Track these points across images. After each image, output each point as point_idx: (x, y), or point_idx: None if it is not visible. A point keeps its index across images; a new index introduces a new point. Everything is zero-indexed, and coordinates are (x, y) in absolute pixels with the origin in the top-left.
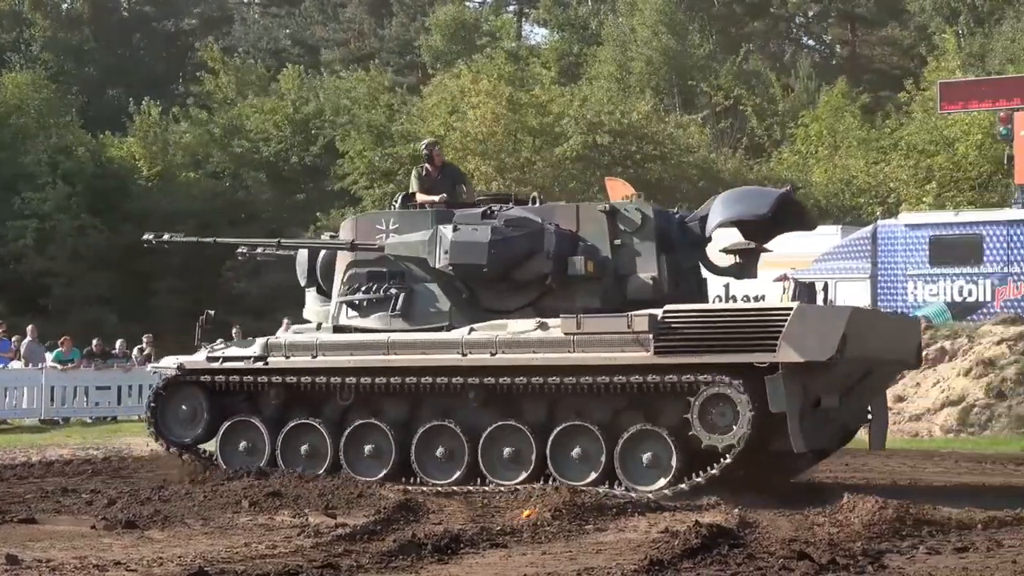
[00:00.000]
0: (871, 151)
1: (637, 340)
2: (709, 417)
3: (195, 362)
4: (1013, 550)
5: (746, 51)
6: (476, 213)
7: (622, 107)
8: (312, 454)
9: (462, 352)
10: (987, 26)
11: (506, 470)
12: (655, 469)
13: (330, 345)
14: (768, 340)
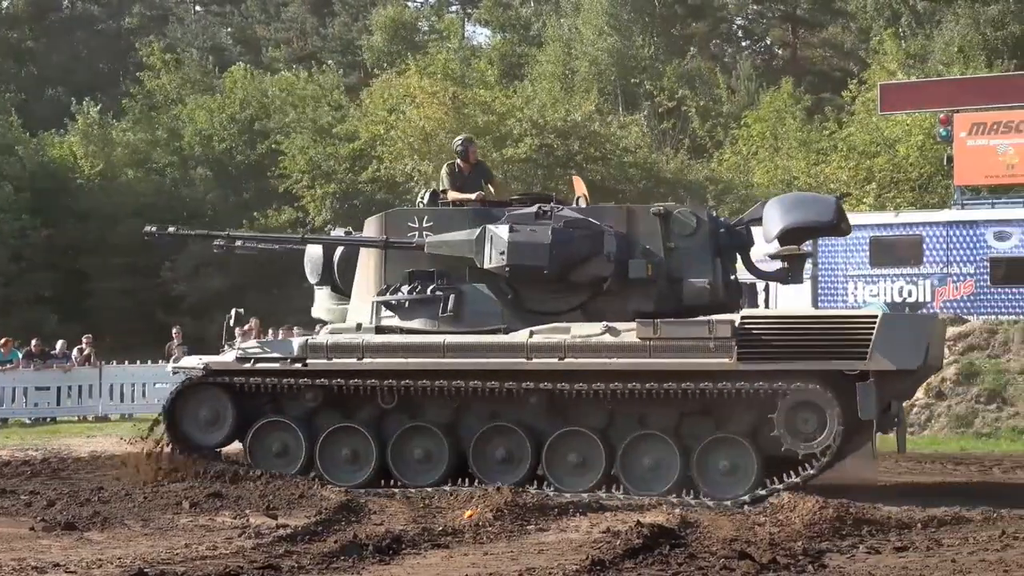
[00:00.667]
0: (812, 152)
1: (719, 346)
2: (794, 424)
3: (223, 363)
4: (952, 549)
5: (691, 54)
6: (529, 213)
7: (566, 107)
8: (353, 459)
9: (527, 356)
10: (927, 28)
11: (571, 477)
12: (731, 476)
13: (378, 347)
14: (859, 348)
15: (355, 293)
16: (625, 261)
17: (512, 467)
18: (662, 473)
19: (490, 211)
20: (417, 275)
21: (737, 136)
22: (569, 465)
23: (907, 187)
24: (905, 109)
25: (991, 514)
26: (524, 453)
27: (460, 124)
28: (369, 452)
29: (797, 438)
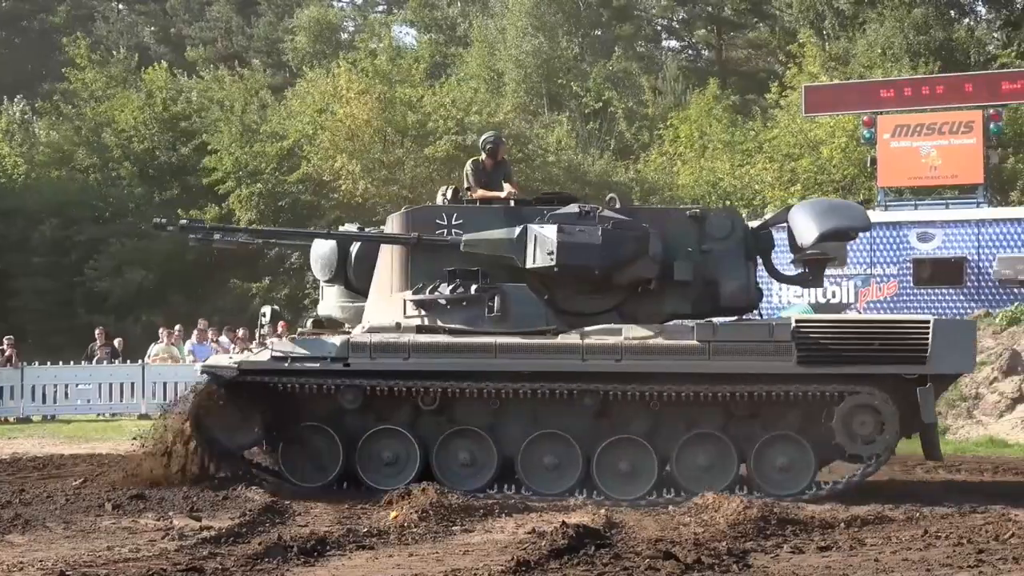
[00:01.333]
0: (737, 154)
1: (779, 349)
2: (852, 427)
3: (257, 362)
4: (875, 548)
5: (617, 55)
6: (572, 213)
7: (488, 108)
8: (393, 462)
9: (582, 357)
10: (851, 30)
11: (623, 482)
12: (788, 475)
13: (425, 347)
14: (917, 352)
15: (375, 291)
16: (668, 263)
17: (561, 472)
18: (717, 473)
19: (521, 210)
20: (460, 274)
21: (663, 137)
22: (620, 469)
23: (831, 189)
24: (829, 111)
25: (914, 513)
26: (574, 457)
27: (386, 123)
28: (411, 456)
29: (855, 440)
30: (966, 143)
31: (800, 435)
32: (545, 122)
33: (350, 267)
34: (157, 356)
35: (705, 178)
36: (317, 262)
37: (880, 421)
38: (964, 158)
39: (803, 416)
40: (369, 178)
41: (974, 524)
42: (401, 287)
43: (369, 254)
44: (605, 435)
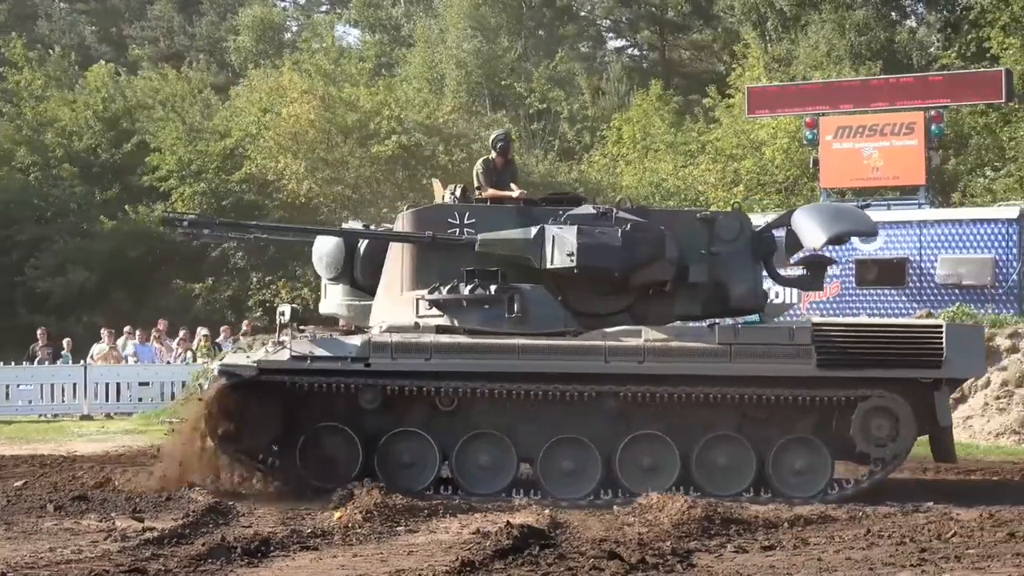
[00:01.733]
0: (680, 154)
1: (799, 352)
2: (870, 429)
3: (276, 361)
4: (819, 548)
5: (560, 55)
6: (589, 214)
7: (428, 108)
8: (411, 464)
9: (605, 359)
10: (793, 32)
11: (645, 482)
12: (805, 477)
13: (448, 347)
14: (933, 356)
15: (384, 289)
16: (684, 265)
17: (582, 474)
18: (735, 474)
19: (532, 210)
20: (479, 274)
21: (606, 138)
22: (641, 469)
23: (773, 189)
24: (771, 112)
25: (856, 513)
26: (594, 459)
27: (330, 123)
28: (430, 458)
29: (871, 442)
30: (908, 144)
31: (817, 437)
32: (487, 122)
33: (357, 265)
34: (100, 356)
35: (648, 179)
36: (322, 260)
37: (896, 423)
38: (906, 159)
39: (820, 418)
40: (313, 178)
41: (916, 523)
42: (412, 286)
43: (377, 252)
44: (624, 434)
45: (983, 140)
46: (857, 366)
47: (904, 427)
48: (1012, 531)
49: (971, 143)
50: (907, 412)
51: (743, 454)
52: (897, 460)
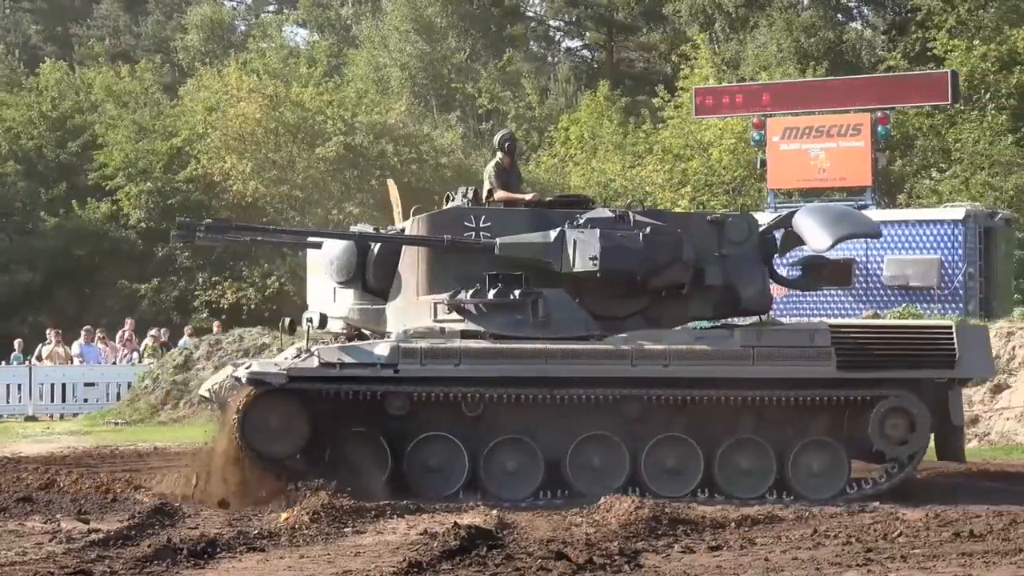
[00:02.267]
0: (628, 155)
1: (820, 354)
2: (886, 429)
3: (306, 369)
4: (766, 548)
5: (508, 55)
6: (608, 217)
7: (378, 109)
8: (439, 469)
9: (631, 363)
10: (741, 33)
11: (669, 483)
12: (823, 479)
13: (476, 353)
14: (947, 357)
15: (399, 294)
16: (699, 267)
17: (608, 476)
18: (756, 477)
19: (546, 213)
20: (502, 279)
21: (554, 139)
22: (666, 472)
23: (721, 190)
24: (719, 113)
25: (803, 512)
26: (621, 461)
27: (277, 122)
28: (459, 464)
29: (889, 442)
30: (854, 146)
31: (834, 439)
32: (436, 123)
33: (369, 269)
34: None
35: (596, 179)
36: (333, 263)
37: (911, 423)
38: (852, 161)
39: (837, 420)
40: (259, 178)
41: (863, 523)
42: (428, 290)
43: (390, 256)
44: (649, 437)
45: (929, 142)
46: (876, 367)
47: (920, 426)
48: (957, 531)
49: (917, 144)
50: (923, 412)
51: (764, 456)
52: (914, 460)
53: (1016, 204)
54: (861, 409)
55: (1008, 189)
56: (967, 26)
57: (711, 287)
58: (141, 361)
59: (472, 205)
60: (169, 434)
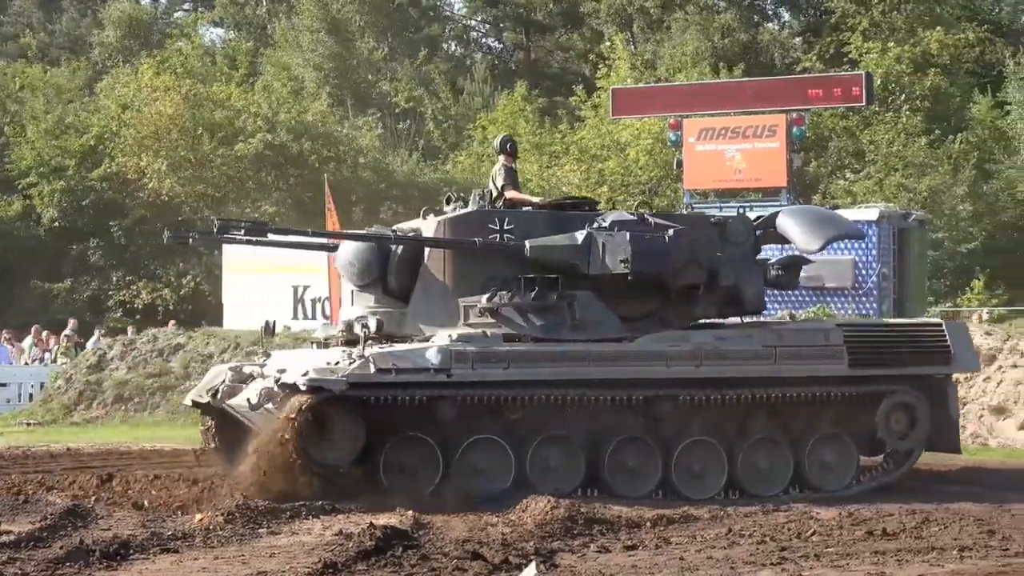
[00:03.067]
0: (545, 155)
1: (833, 353)
2: (891, 424)
3: (365, 375)
4: (681, 547)
5: (425, 54)
6: (632, 220)
7: (298, 107)
8: (486, 470)
9: (666, 364)
10: (658, 34)
11: (698, 484)
12: (833, 472)
13: (524, 356)
14: (943, 353)
15: (422, 296)
16: (713, 268)
17: (642, 477)
18: (776, 475)
19: (563, 215)
20: (539, 281)
21: (472, 138)
22: (693, 473)
23: (637, 190)
24: (636, 114)
25: (718, 512)
26: (655, 462)
27: (195, 122)
28: (505, 464)
29: (894, 436)
30: (770, 147)
31: (845, 433)
32: (356, 124)
33: (392, 271)
34: None
35: None
36: (354, 265)
37: (914, 417)
38: (768, 161)
39: (847, 415)
40: (175, 177)
41: (777, 522)
42: (456, 292)
43: (413, 258)
44: (685, 437)
45: (843, 143)
46: (882, 364)
47: (921, 420)
48: (870, 529)
49: (831, 146)
50: (924, 406)
51: (781, 453)
52: (916, 452)
53: (929, 205)
54: (868, 404)
55: (922, 190)
56: (881, 28)
57: (722, 288)
58: (55, 361)
59: (490, 207)
60: (82, 435)
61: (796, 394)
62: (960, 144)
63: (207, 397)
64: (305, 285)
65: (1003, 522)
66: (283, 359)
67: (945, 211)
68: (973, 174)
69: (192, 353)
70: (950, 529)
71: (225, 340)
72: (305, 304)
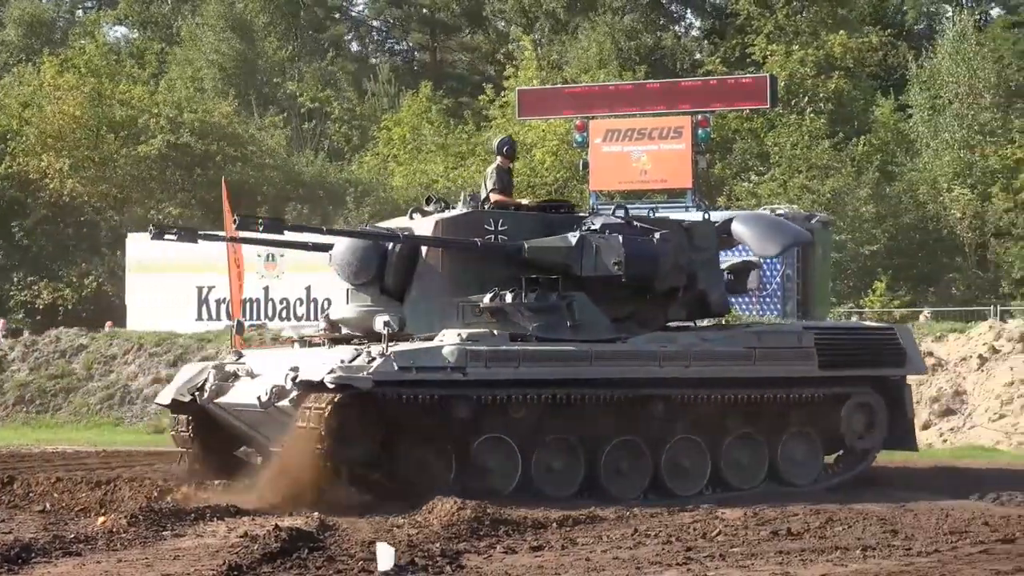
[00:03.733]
0: (451, 156)
1: (805, 354)
2: (853, 423)
3: (387, 373)
4: (586, 548)
5: (331, 55)
6: (621, 223)
7: (204, 106)
8: (495, 470)
9: (659, 364)
10: (564, 35)
11: (686, 482)
12: (802, 468)
13: (536, 355)
14: (899, 356)
15: (419, 296)
16: (696, 272)
17: (635, 476)
18: (754, 470)
19: (550, 217)
20: (540, 282)
21: (377, 139)
22: (681, 471)
23: (544, 191)
24: (542, 115)
25: (624, 512)
26: (646, 462)
27: (98, 120)
28: (513, 463)
29: (854, 435)
30: (675, 148)
31: (813, 431)
32: (261, 125)
33: (390, 270)
34: None
35: (419, 180)
36: (351, 264)
37: (872, 417)
38: (673, 163)
39: (814, 414)
40: (77, 176)
41: (683, 523)
42: (453, 292)
43: (410, 257)
44: (671, 436)
45: (748, 145)
46: (848, 366)
47: (880, 419)
48: (775, 529)
49: (736, 147)
50: (882, 406)
51: (758, 450)
52: (875, 449)
53: (833, 207)
54: (834, 405)
55: (825, 192)
56: (785, 31)
57: (699, 290)
58: None
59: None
60: None
61: (770, 394)
62: (863, 147)
63: (189, 396)
64: (210, 286)
65: (905, 521)
66: (264, 358)
67: (848, 213)
68: (876, 176)
69: (95, 354)
70: (853, 529)
71: (129, 341)
72: (210, 305)
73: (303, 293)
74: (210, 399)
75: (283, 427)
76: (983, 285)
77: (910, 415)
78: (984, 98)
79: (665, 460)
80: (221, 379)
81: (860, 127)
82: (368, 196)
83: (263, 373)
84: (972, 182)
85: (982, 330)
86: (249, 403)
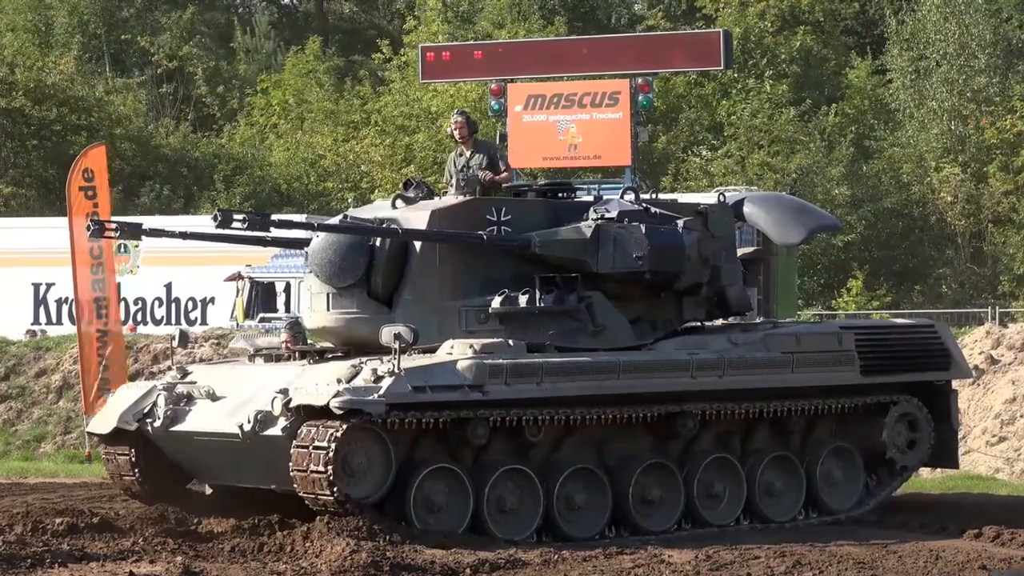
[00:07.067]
0: (341, 126)
1: (846, 359)
2: (897, 436)
3: (401, 394)
4: None
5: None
6: (638, 210)
7: (39, 64)
8: (516, 508)
9: (692, 375)
10: None
11: (721, 511)
12: (843, 488)
13: (558, 369)
14: (944, 358)
15: (414, 299)
16: (720, 267)
17: (665, 507)
18: (790, 496)
19: (555, 204)
20: (556, 283)
21: (252, 105)
22: (714, 498)
23: None
24: (450, 77)
25: (551, 556)
26: (677, 488)
27: None
28: (533, 501)
29: (898, 448)
30: (611, 118)
31: (853, 447)
32: (111, 87)
33: (379, 271)
34: None
35: (302, 154)
36: (333, 264)
37: (916, 429)
38: (609, 135)
39: (855, 428)
40: None
41: (621, 567)
42: (454, 295)
43: (400, 255)
44: (704, 457)
45: (698, 114)
46: (891, 371)
47: (925, 431)
48: (734, 574)
49: (683, 117)
50: (926, 416)
51: (795, 472)
52: (916, 466)
53: (800, 188)
54: (876, 415)
55: (791, 170)
56: None
57: (722, 286)
58: None
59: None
60: None
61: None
62: (835, 117)
63: (135, 424)
64: (49, 283)
65: (888, 565)
66: (220, 376)
67: (818, 196)
68: (850, 152)
69: None
70: (826, 574)
71: None
72: (48, 305)
73: (162, 292)
74: (164, 427)
75: (266, 461)
76: (978, 283)
77: (956, 426)
78: (978, 59)
79: (699, 486)
80: (173, 403)
81: (831, 94)
82: (241, 175)
83: (227, 395)
84: (964, 159)
85: (978, 336)
86: (222, 431)
